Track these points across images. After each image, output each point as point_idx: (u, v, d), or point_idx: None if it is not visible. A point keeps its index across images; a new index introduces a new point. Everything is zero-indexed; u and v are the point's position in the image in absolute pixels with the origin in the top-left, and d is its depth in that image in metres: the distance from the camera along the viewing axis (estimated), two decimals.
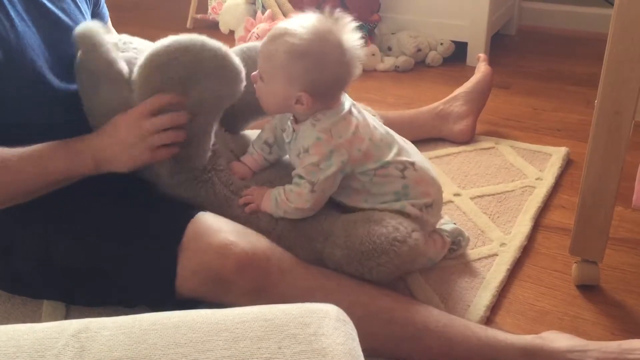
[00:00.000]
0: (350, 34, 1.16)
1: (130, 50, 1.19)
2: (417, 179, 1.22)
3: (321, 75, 1.14)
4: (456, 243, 1.36)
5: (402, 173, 1.21)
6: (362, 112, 1.23)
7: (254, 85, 1.19)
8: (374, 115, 1.33)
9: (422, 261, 1.29)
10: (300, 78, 1.13)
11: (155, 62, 1.09)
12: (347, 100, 1.21)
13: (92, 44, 1.11)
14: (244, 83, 1.15)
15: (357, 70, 1.18)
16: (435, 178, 1.27)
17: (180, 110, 1.11)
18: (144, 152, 1.10)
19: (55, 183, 1.11)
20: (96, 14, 1.34)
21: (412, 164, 1.23)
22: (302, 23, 1.14)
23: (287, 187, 1.19)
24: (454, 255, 1.36)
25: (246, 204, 1.22)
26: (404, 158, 1.22)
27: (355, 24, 1.17)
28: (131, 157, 1.11)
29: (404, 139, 1.29)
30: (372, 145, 1.19)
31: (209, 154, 1.19)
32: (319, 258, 1.18)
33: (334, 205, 1.24)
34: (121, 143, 1.10)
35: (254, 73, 1.18)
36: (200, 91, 1.11)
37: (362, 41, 1.18)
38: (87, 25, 1.13)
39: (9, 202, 1.11)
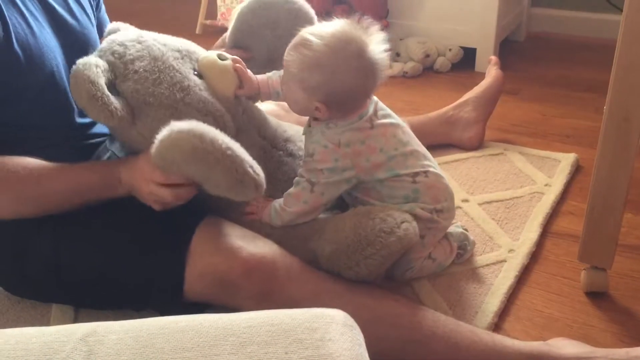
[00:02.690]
0: (375, 45, 1.14)
1: (130, 77, 1.12)
2: (428, 185, 1.22)
3: (334, 87, 1.13)
4: (462, 247, 1.35)
5: (413, 179, 1.21)
6: (389, 120, 1.21)
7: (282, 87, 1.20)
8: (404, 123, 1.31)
9: (429, 265, 1.29)
10: (314, 89, 1.13)
11: (172, 156, 1.04)
12: (371, 108, 1.20)
13: (88, 98, 1.05)
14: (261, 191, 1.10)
15: (379, 80, 1.16)
16: (447, 185, 1.27)
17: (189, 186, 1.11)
18: (154, 204, 1.12)
19: (87, 202, 1.14)
20: (97, 19, 1.35)
21: (425, 172, 1.22)
22: (322, 32, 1.12)
23: (286, 193, 1.20)
24: (461, 260, 1.36)
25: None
26: (417, 169, 1.21)
27: (383, 34, 1.15)
28: (145, 200, 1.13)
29: (419, 143, 1.28)
30: (384, 156, 1.19)
31: None
32: (314, 258, 1.18)
33: (335, 206, 1.25)
34: (136, 189, 1.13)
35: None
36: (209, 189, 1.08)
37: (387, 52, 1.15)
38: (80, 72, 1.06)
39: (38, 214, 1.14)
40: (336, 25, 1.14)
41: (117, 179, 1.13)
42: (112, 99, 1.07)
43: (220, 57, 1.22)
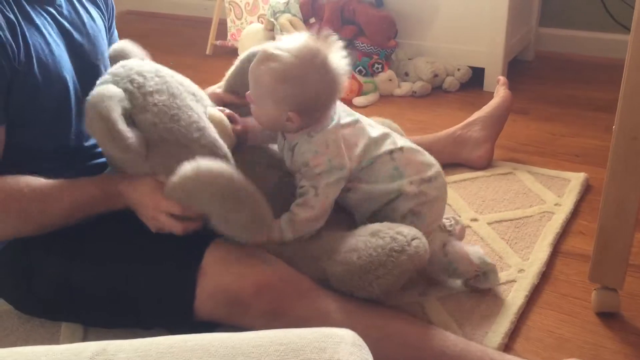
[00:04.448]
0: (336, 54, 1.20)
1: (149, 108, 1.12)
2: (406, 159, 1.27)
3: (305, 96, 1.18)
4: (485, 275, 1.31)
5: (390, 156, 1.26)
6: (350, 118, 1.27)
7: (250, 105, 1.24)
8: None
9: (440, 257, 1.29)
10: (286, 99, 1.18)
11: (195, 193, 1.07)
12: (336, 114, 1.25)
13: (105, 131, 1.05)
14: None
15: (343, 85, 1.22)
16: (426, 154, 1.32)
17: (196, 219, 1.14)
18: (153, 227, 1.15)
19: (89, 216, 1.16)
20: (109, 42, 1.37)
21: (400, 148, 1.27)
22: (287, 46, 1.18)
23: (294, 204, 1.22)
24: (478, 284, 1.32)
25: None
26: (390, 147, 1.27)
27: (341, 43, 1.22)
28: (145, 222, 1.15)
29: (384, 127, 1.34)
30: (361, 148, 1.25)
31: None
32: (325, 278, 1.18)
33: (341, 226, 1.26)
34: (138, 211, 1.14)
35: (247, 93, 1.23)
36: (224, 229, 1.12)
37: (347, 59, 1.22)
38: (96, 103, 1.06)
39: (40, 232, 1.14)
40: (299, 39, 1.19)
41: (117, 192, 1.14)
42: (128, 133, 1.06)
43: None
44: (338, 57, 1.20)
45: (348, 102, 2.39)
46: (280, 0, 2.63)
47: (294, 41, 1.19)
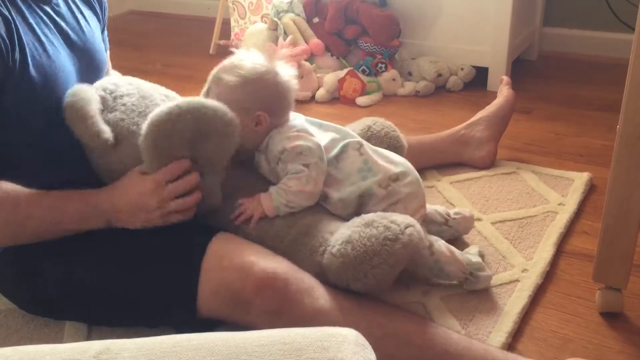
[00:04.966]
0: (282, 65, 1.33)
1: (117, 108, 1.21)
2: (373, 157, 1.31)
3: (267, 93, 1.29)
4: (474, 276, 1.32)
5: (359, 151, 1.31)
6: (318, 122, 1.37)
7: None
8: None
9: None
10: (251, 102, 1.27)
11: (161, 130, 1.12)
12: (298, 118, 1.35)
13: (78, 117, 1.14)
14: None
15: (294, 94, 1.34)
16: (391, 155, 1.36)
17: (191, 172, 1.16)
18: (161, 217, 1.15)
19: (63, 232, 1.15)
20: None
21: (362, 145, 1.33)
22: (242, 60, 1.31)
23: (284, 179, 1.25)
24: (469, 287, 1.32)
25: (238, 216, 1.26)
26: (356, 139, 1.33)
27: (285, 58, 1.35)
28: (147, 220, 1.15)
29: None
30: (329, 141, 1.32)
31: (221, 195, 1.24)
32: (321, 271, 1.18)
33: (334, 216, 1.28)
34: (139, 208, 1.14)
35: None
36: (206, 149, 1.16)
37: (293, 70, 1.35)
38: (74, 93, 1.16)
39: (13, 242, 1.15)
40: (243, 54, 1.33)
41: (94, 207, 1.14)
42: (101, 121, 1.16)
43: None
44: (284, 67, 1.34)
45: (351, 102, 2.39)
46: (284, 0, 2.63)
47: (237, 58, 1.32)
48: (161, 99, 1.27)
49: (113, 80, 1.27)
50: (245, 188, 1.28)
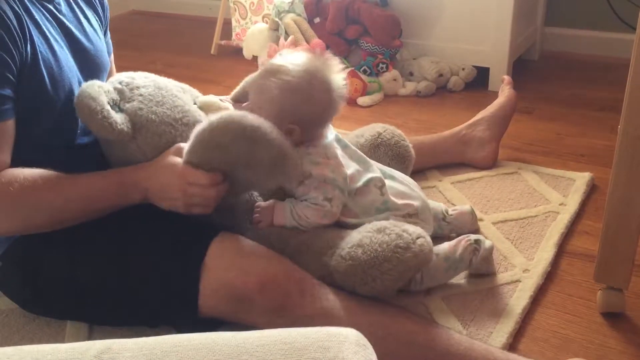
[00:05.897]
0: (337, 75, 1.26)
1: (135, 98, 1.20)
2: (394, 194, 1.31)
3: (310, 109, 1.23)
4: (478, 243, 1.34)
5: (380, 190, 1.30)
6: (344, 143, 1.35)
7: None
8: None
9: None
10: (291, 111, 1.21)
11: (217, 139, 1.10)
12: (330, 134, 1.31)
13: (89, 114, 1.12)
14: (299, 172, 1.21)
15: (340, 108, 1.28)
16: (414, 190, 1.36)
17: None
18: (182, 207, 1.14)
19: (102, 211, 1.15)
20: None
21: (384, 184, 1.32)
22: (294, 61, 1.23)
23: (303, 204, 1.23)
24: (478, 268, 1.34)
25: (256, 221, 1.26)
26: (378, 174, 1.32)
27: (342, 66, 1.27)
28: (170, 205, 1.15)
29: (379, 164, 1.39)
30: (354, 171, 1.30)
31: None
32: (328, 273, 1.18)
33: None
34: (166, 192, 1.14)
35: (245, 104, 1.25)
36: (250, 175, 1.15)
37: (345, 82, 1.27)
38: (80, 91, 1.14)
39: (56, 226, 1.14)
40: (303, 56, 1.25)
41: (133, 182, 1.14)
42: (112, 113, 1.14)
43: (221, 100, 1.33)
44: (338, 79, 1.25)
45: (353, 102, 2.39)
46: (285, 0, 2.63)
47: (296, 59, 1.24)
48: (177, 89, 1.27)
49: (128, 74, 1.27)
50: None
